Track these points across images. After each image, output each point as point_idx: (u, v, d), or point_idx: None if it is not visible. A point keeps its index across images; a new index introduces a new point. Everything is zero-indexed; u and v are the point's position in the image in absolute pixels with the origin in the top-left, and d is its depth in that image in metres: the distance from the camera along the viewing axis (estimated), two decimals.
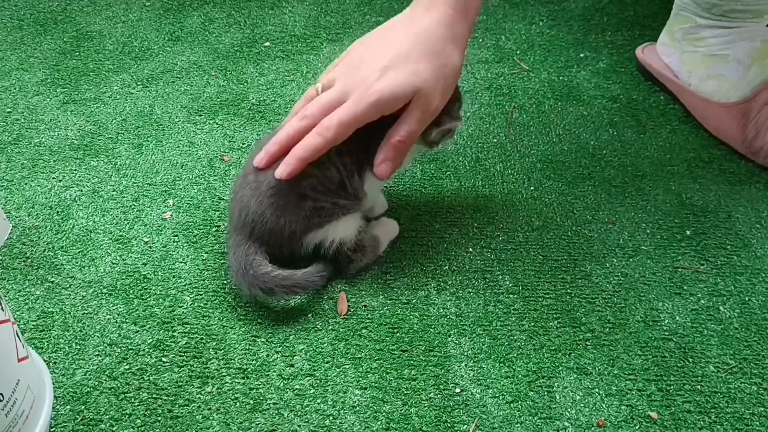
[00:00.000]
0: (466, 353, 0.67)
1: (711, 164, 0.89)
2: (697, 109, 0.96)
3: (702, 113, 0.95)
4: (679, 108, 0.99)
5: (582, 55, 1.11)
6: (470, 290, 0.74)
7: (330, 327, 0.70)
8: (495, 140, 0.94)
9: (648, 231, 0.80)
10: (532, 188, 0.86)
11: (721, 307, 0.72)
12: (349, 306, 0.72)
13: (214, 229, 0.81)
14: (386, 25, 0.70)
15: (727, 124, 0.91)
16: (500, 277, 0.75)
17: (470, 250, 0.79)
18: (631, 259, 0.77)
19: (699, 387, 0.64)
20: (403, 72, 0.64)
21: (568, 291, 0.74)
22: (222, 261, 0.77)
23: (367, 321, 0.71)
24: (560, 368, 0.66)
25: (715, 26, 0.94)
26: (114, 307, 0.72)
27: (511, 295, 0.73)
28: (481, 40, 1.14)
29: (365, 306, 0.72)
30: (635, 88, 1.03)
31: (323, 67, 1.07)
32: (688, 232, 0.80)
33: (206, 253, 0.78)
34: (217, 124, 0.96)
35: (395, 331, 0.70)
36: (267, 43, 1.13)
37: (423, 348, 0.68)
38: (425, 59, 0.65)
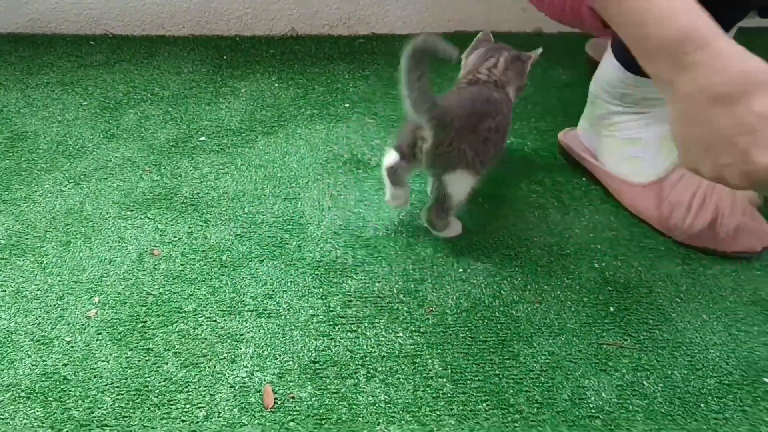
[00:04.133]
0: None
1: (631, 241, 0.93)
2: (615, 189, 1.00)
3: (620, 193, 0.99)
4: (599, 189, 1.03)
5: (509, 141, 1.15)
6: (400, 376, 0.74)
7: (256, 421, 0.69)
8: (425, 225, 0.96)
9: (573, 309, 0.82)
10: (461, 270, 0.88)
11: (645, 382, 0.73)
12: (276, 398, 0.71)
13: (140, 325, 0.79)
14: None
15: (643, 203, 0.95)
16: (430, 361, 0.76)
17: (400, 334, 0.79)
18: (557, 338, 0.78)
19: None
20: None
21: (497, 372, 0.74)
22: (147, 358, 0.75)
23: (295, 413, 0.69)
24: None
25: (627, 112, 1.00)
26: (31, 411, 0.69)
27: (441, 379, 0.73)
28: None
29: (293, 397, 0.71)
30: (559, 171, 1.08)
31: (257, 158, 1.10)
32: (611, 309, 0.82)
33: (130, 350, 0.76)
34: (148, 218, 0.96)
35: (323, 422, 0.69)
36: (202, 138, 1.15)
37: None
38: None
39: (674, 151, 0.94)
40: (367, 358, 0.76)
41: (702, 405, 0.71)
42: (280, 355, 0.76)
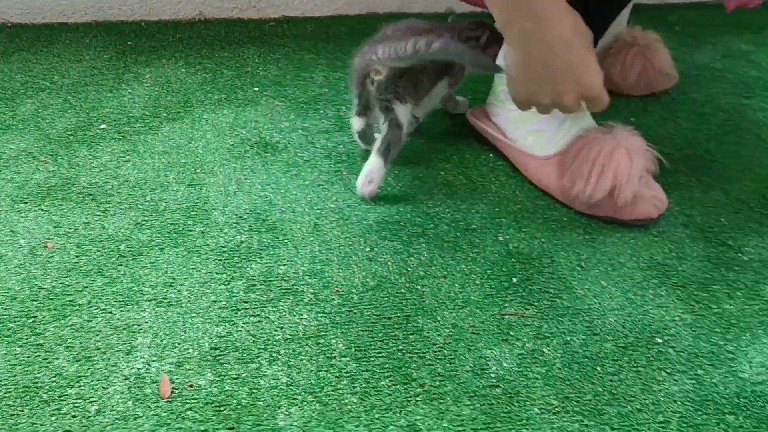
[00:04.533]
0: (295, 423, 0.66)
1: (535, 214, 0.94)
2: (520, 163, 1.01)
3: (525, 167, 1.00)
4: (506, 164, 1.04)
5: (420, 121, 1.15)
6: (303, 357, 0.73)
7: (151, 412, 0.66)
8: (333, 206, 0.95)
9: (477, 282, 0.83)
10: (368, 249, 0.87)
11: (545, 349, 0.74)
12: (173, 387, 0.69)
13: (30, 320, 0.76)
14: None
15: (546, 175, 0.97)
16: (334, 341, 0.75)
17: (304, 316, 0.78)
18: (461, 310, 0.79)
19: (524, 431, 0.65)
20: None
21: (400, 348, 0.74)
22: (36, 354, 0.72)
23: (192, 401, 0.68)
24: (390, 428, 0.65)
25: None
26: None
27: (344, 358, 0.73)
28: (322, 112, 1.17)
29: (191, 386, 0.69)
30: (467, 148, 1.08)
31: (161, 145, 1.06)
32: (514, 280, 0.83)
33: (20, 347, 0.73)
34: (43, 210, 0.92)
35: (222, 408, 0.67)
36: (103, 126, 1.11)
37: (251, 423, 0.66)
38: None
39: (576, 123, 0.97)
40: (270, 342, 0.74)
41: (599, 368, 0.72)
42: (179, 344, 0.74)
